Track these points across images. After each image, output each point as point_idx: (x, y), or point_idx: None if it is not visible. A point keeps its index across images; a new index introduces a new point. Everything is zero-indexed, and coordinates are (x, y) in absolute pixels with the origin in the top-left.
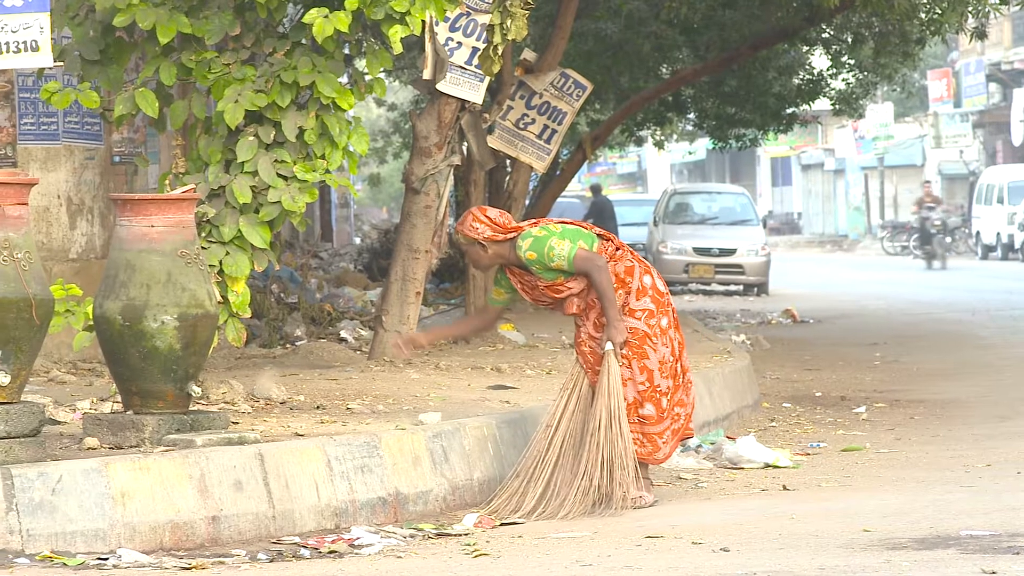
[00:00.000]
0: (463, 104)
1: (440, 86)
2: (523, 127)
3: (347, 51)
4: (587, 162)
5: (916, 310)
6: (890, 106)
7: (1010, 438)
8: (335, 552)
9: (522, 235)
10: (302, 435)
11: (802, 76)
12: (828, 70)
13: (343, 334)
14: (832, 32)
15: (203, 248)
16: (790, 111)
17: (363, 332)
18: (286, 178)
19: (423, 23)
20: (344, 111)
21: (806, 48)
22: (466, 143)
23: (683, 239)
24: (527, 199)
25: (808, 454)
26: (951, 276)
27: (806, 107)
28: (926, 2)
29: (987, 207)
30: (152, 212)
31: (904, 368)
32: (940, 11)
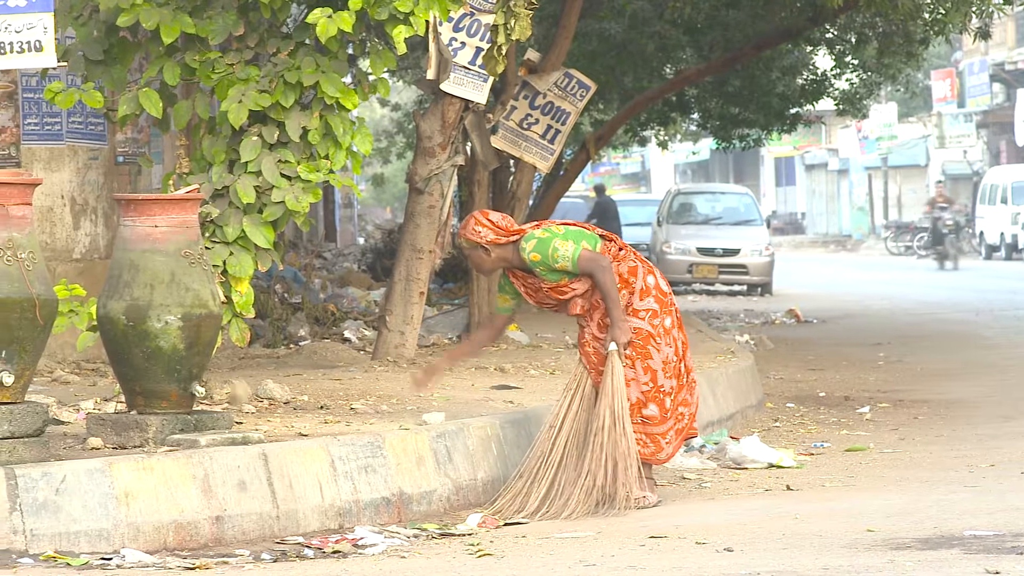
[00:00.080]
0: (467, 104)
1: (444, 86)
2: (527, 127)
3: (351, 51)
4: (591, 162)
5: (920, 310)
6: (894, 106)
7: (1014, 438)
8: (339, 552)
9: (525, 237)
10: (306, 435)
11: (806, 76)
12: (832, 70)
13: (347, 334)
14: (836, 32)
15: (207, 248)
16: (794, 111)
17: (367, 332)
18: (290, 178)
19: (427, 23)
20: (348, 111)
21: (810, 48)
22: (470, 143)
23: (687, 239)
24: (531, 199)
25: (812, 454)
26: (955, 276)
27: (810, 107)
28: (930, 2)
29: (991, 207)
30: (156, 212)
31: (908, 368)
32: (944, 11)
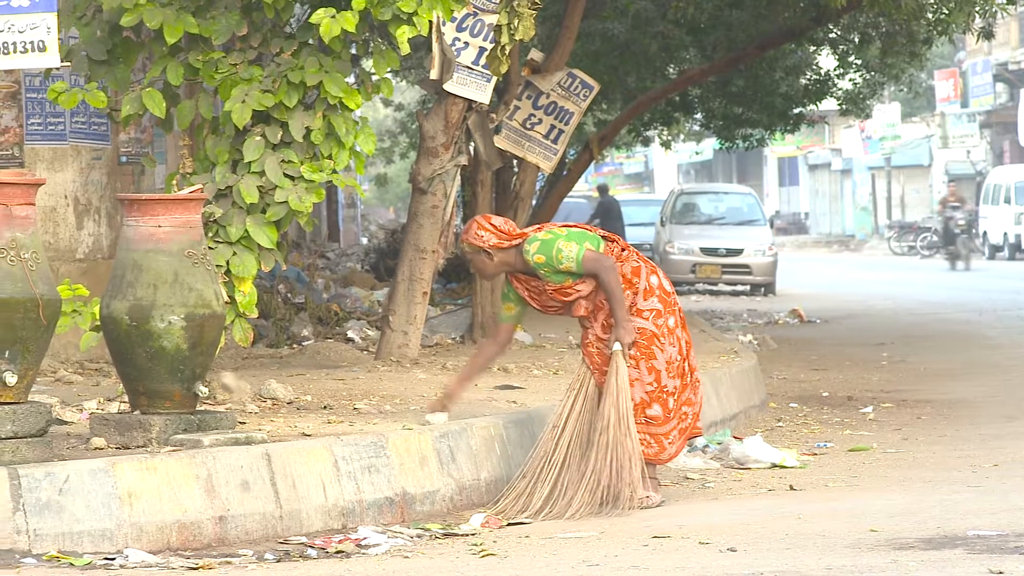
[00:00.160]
0: (470, 104)
1: (447, 86)
2: (530, 127)
3: (354, 51)
4: (594, 162)
5: (923, 310)
6: (897, 106)
7: (1017, 438)
8: (342, 552)
9: (528, 240)
10: (309, 435)
11: (809, 76)
12: (835, 70)
13: (350, 334)
14: (839, 32)
15: (210, 248)
16: (797, 111)
17: (370, 332)
18: (293, 178)
19: (430, 23)
20: (351, 111)
21: (813, 48)
22: (473, 143)
23: (690, 239)
24: (534, 199)
25: (815, 454)
26: (958, 276)
27: (813, 107)
28: (933, 2)
29: (994, 207)
30: (159, 212)
31: (911, 368)
32: (947, 11)
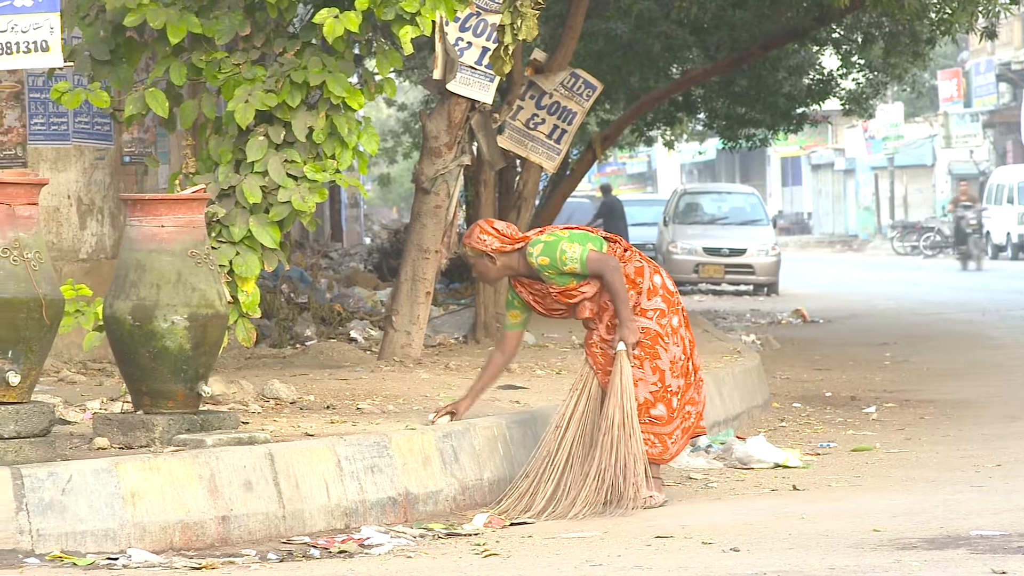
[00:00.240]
0: (473, 104)
1: (450, 86)
2: (533, 127)
3: (357, 51)
4: (597, 162)
5: (926, 310)
6: (900, 106)
7: (1020, 438)
8: (345, 552)
9: (531, 243)
10: (312, 435)
11: (812, 76)
12: (838, 70)
13: (353, 334)
14: (842, 32)
15: (213, 248)
16: (800, 111)
17: (373, 332)
18: (296, 178)
19: (433, 23)
20: (354, 111)
21: (816, 48)
22: (476, 143)
23: (693, 239)
24: (537, 199)
25: (818, 454)
26: (961, 276)
27: (816, 107)
28: (936, 2)
29: (997, 207)
30: (162, 212)
31: (914, 368)
32: (950, 11)
